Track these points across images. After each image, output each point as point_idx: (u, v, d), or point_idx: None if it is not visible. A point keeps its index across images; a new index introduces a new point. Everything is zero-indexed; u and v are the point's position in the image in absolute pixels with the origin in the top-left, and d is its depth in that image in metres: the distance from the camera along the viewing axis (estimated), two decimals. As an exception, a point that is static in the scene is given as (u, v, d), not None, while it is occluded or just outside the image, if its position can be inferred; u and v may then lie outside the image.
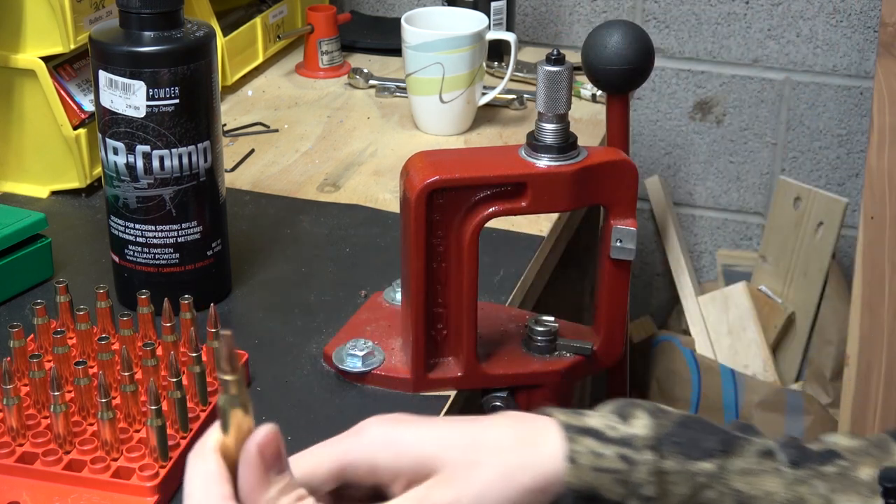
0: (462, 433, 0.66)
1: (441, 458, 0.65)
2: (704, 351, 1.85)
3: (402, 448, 0.65)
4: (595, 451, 0.65)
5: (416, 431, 0.66)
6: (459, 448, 0.65)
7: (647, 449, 0.65)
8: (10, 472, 0.83)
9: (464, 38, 1.38)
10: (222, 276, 1.07)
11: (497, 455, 0.65)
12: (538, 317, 0.96)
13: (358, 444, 0.66)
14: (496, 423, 0.67)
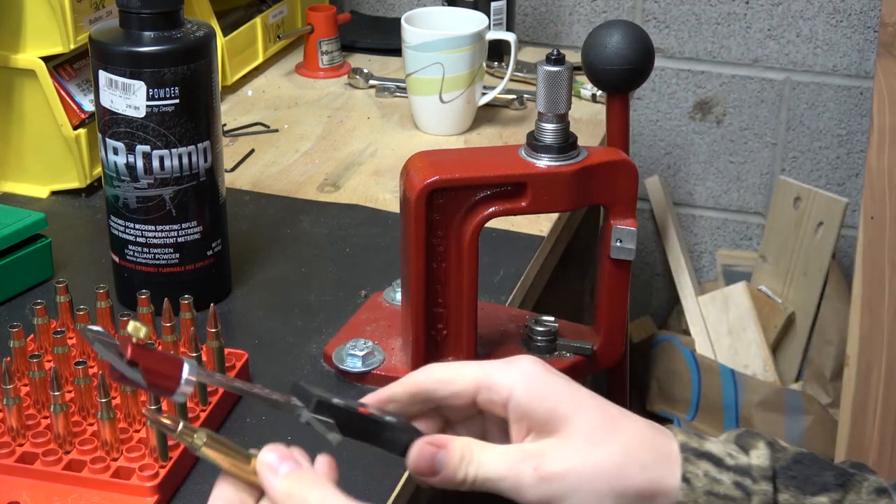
0: (601, 410, 0.66)
1: (573, 423, 0.65)
2: (704, 351, 1.85)
3: (542, 395, 0.65)
4: (711, 475, 0.65)
5: (562, 387, 0.66)
6: (593, 423, 0.65)
7: (764, 480, 0.66)
8: (10, 472, 0.83)
9: (464, 38, 1.38)
10: (222, 276, 1.07)
11: (623, 446, 0.65)
12: (538, 317, 0.96)
13: (506, 372, 0.66)
14: (631, 416, 0.67)
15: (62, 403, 0.83)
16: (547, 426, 0.65)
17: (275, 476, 0.61)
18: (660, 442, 0.66)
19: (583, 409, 0.65)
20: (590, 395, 0.66)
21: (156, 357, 0.62)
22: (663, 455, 0.66)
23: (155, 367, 0.62)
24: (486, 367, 0.67)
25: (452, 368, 0.68)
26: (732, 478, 0.65)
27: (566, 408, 0.65)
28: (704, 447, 0.66)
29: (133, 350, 0.61)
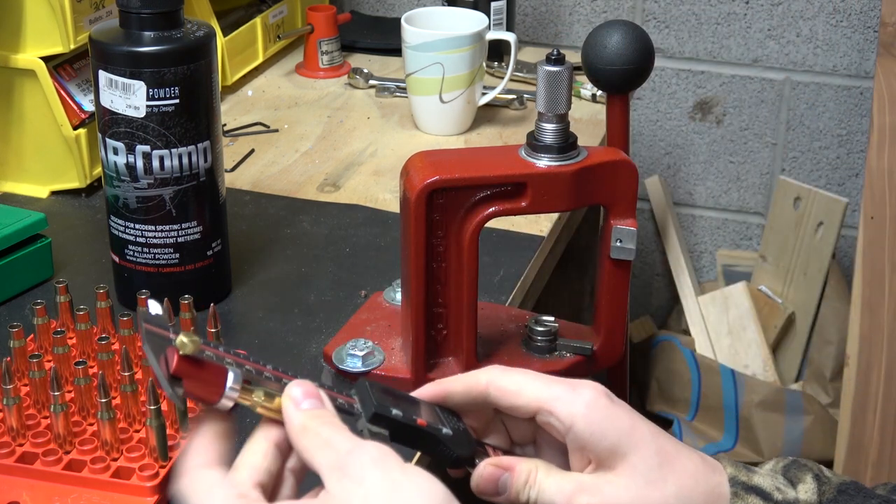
0: (659, 449, 0.66)
1: (631, 461, 0.66)
2: (704, 351, 1.85)
3: (603, 430, 0.66)
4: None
5: (623, 422, 0.66)
6: (650, 463, 0.66)
7: None
8: (10, 472, 0.83)
9: (464, 38, 1.38)
10: (222, 276, 1.07)
11: (677, 488, 0.66)
12: (538, 317, 0.96)
13: (569, 403, 0.66)
14: (687, 451, 0.68)
15: (62, 403, 0.83)
16: (606, 461, 0.66)
17: (295, 409, 0.61)
18: (712, 481, 0.67)
19: (642, 447, 0.66)
20: (649, 431, 0.67)
21: (201, 369, 0.61)
22: (714, 495, 0.67)
23: (198, 381, 0.61)
24: (551, 388, 0.67)
25: (517, 381, 0.68)
26: None
27: (625, 445, 0.66)
28: (753, 481, 0.67)
29: (178, 364, 0.60)
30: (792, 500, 0.67)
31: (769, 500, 0.67)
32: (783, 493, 0.67)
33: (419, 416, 0.66)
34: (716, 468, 0.68)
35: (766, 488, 0.67)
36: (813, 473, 0.68)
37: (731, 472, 0.68)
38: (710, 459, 0.69)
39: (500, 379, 0.68)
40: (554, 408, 0.66)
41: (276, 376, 0.64)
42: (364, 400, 0.66)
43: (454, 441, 0.67)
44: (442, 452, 0.67)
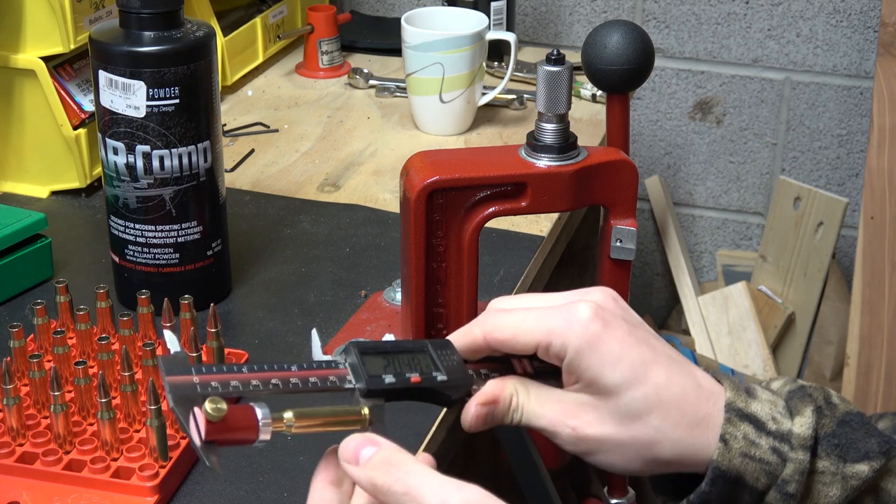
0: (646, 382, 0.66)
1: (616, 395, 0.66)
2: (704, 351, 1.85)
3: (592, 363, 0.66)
4: (750, 438, 0.66)
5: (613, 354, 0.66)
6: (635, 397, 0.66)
7: (801, 449, 0.66)
8: (10, 472, 0.83)
9: (464, 38, 1.38)
10: (222, 276, 1.07)
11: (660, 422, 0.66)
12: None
13: (564, 335, 0.66)
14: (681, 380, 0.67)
15: (62, 403, 0.83)
16: (592, 388, 0.67)
17: (356, 469, 0.63)
18: (701, 411, 0.67)
19: (629, 379, 0.66)
20: (640, 362, 0.66)
21: (230, 423, 0.62)
22: (702, 425, 0.67)
23: (231, 433, 0.62)
24: (546, 322, 0.67)
25: (511, 326, 0.68)
26: (771, 443, 0.66)
27: (611, 379, 0.66)
28: (750, 409, 0.67)
29: (208, 430, 0.61)
30: (785, 432, 0.66)
31: (761, 430, 0.66)
32: (778, 423, 0.67)
33: (412, 373, 0.67)
34: (711, 396, 0.67)
35: (761, 417, 0.67)
36: (815, 406, 0.67)
37: (729, 396, 0.67)
38: (707, 385, 0.68)
39: (494, 330, 0.68)
40: (548, 346, 0.67)
41: (301, 378, 0.66)
42: (356, 371, 0.67)
43: (449, 386, 0.68)
44: (439, 399, 0.68)
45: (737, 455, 0.66)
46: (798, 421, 0.67)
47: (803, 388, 0.69)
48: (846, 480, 0.66)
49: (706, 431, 0.67)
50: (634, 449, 0.67)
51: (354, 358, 0.67)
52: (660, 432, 0.66)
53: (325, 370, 0.67)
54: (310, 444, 0.89)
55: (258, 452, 0.88)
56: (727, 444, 0.66)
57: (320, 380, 0.66)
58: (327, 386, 0.66)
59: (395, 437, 0.64)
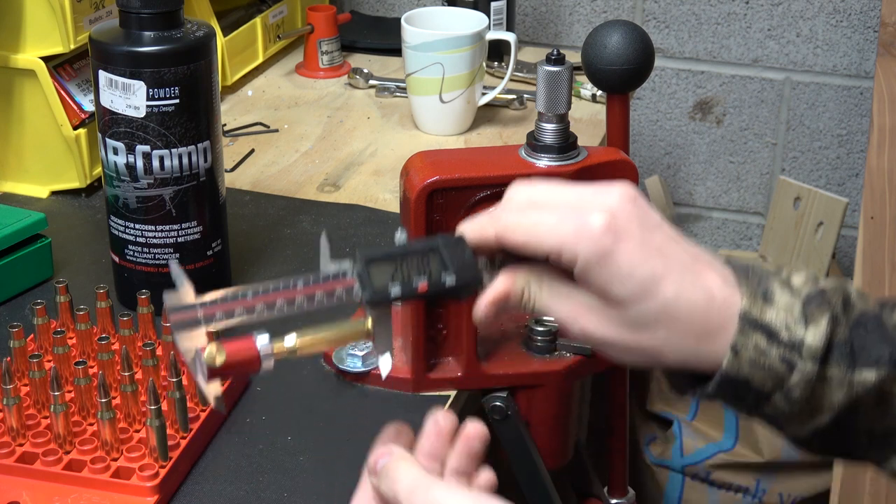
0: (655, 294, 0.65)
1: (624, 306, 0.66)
2: (704, 351, 1.84)
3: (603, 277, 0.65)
4: (761, 348, 0.66)
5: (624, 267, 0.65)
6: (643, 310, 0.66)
7: (811, 360, 0.66)
8: (10, 472, 0.83)
9: (464, 38, 1.38)
10: (222, 276, 1.07)
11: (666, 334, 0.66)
12: (538, 317, 0.96)
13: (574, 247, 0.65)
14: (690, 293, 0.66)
15: (62, 403, 0.83)
16: (601, 296, 0.67)
17: (374, 477, 0.66)
18: (711, 324, 0.66)
19: (638, 292, 0.65)
20: (650, 277, 0.65)
21: (232, 361, 0.64)
22: (710, 336, 0.66)
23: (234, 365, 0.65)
24: (558, 233, 0.66)
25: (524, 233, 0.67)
26: (781, 353, 0.66)
27: (619, 293, 0.66)
28: (765, 318, 0.66)
29: (210, 373, 0.63)
30: (797, 342, 0.66)
31: (773, 340, 0.66)
32: (791, 332, 0.66)
33: (420, 280, 0.67)
34: (722, 306, 0.66)
35: (774, 327, 0.66)
36: (831, 314, 0.66)
37: (745, 305, 0.66)
38: (720, 295, 0.66)
39: (507, 232, 0.67)
40: (558, 257, 0.66)
41: (307, 295, 0.66)
42: (363, 281, 0.67)
43: (458, 288, 0.68)
44: (449, 299, 0.70)
45: (746, 364, 0.66)
46: (811, 331, 0.66)
47: (823, 294, 0.67)
48: (851, 387, 0.66)
49: (714, 342, 0.66)
50: (640, 353, 0.67)
51: (363, 268, 0.67)
52: (666, 343, 0.66)
53: (332, 283, 0.67)
54: (309, 445, 0.89)
55: (258, 452, 0.88)
56: (737, 354, 0.66)
57: (326, 295, 0.66)
58: (333, 302, 0.66)
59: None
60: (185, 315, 0.64)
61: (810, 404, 0.67)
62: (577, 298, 0.68)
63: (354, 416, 0.92)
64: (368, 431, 0.89)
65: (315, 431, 0.91)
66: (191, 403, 0.89)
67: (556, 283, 0.68)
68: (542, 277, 0.68)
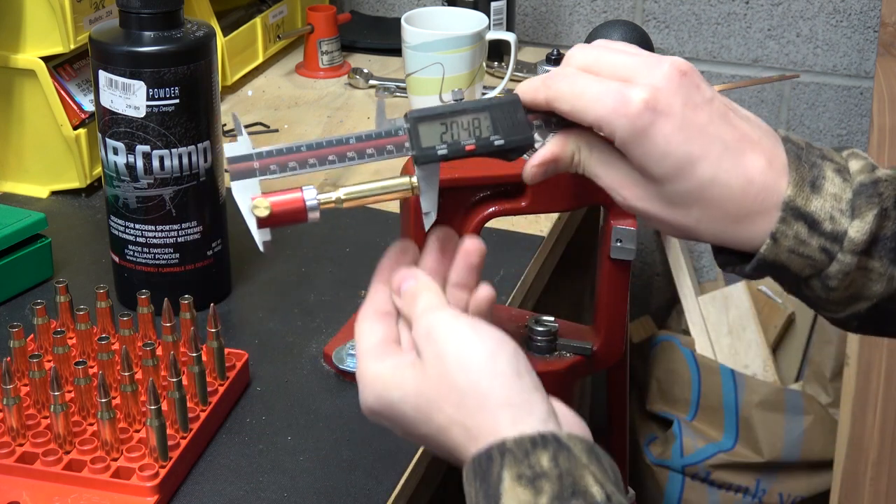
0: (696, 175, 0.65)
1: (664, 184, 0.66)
2: (704, 351, 1.85)
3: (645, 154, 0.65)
4: (801, 238, 0.66)
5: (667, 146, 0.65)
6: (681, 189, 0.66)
7: (851, 253, 0.65)
8: (10, 472, 0.83)
9: (464, 38, 1.38)
10: (222, 276, 1.07)
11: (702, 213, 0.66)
12: (538, 317, 0.96)
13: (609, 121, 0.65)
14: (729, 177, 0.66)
15: (62, 403, 0.83)
16: (641, 171, 0.67)
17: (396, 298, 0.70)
18: (747, 209, 0.66)
19: (672, 173, 0.65)
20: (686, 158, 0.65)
21: (280, 212, 0.70)
22: (746, 220, 0.66)
23: (283, 215, 0.70)
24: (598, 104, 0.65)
25: (572, 97, 0.67)
26: (821, 243, 0.65)
27: (655, 171, 0.65)
28: (809, 207, 0.65)
29: (259, 222, 0.69)
30: (839, 234, 0.65)
31: (815, 230, 0.65)
32: (835, 223, 0.65)
33: (468, 140, 0.68)
34: (761, 192, 0.66)
35: (818, 217, 0.65)
36: (880, 208, 0.65)
37: (790, 194, 0.65)
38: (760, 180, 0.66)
39: (556, 99, 0.67)
40: (600, 128, 0.66)
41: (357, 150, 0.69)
42: (412, 139, 0.68)
43: (507, 148, 0.68)
44: (498, 156, 0.69)
45: (784, 251, 0.66)
46: (856, 224, 0.65)
47: (876, 184, 0.66)
48: (892, 281, 0.66)
49: (751, 226, 0.66)
50: (676, 228, 0.68)
51: (413, 124, 0.68)
52: (700, 223, 0.66)
53: (382, 139, 0.68)
54: (309, 445, 0.89)
55: (258, 452, 0.88)
56: (776, 242, 0.65)
57: (377, 150, 0.68)
58: (384, 156, 0.68)
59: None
60: (241, 166, 0.67)
61: (849, 292, 0.67)
62: (623, 169, 0.68)
63: (354, 416, 0.92)
64: (368, 431, 0.89)
65: (315, 431, 0.91)
66: (191, 403, 0.89)
67: (605, 151, 0.68)
68: (593, 144, 0.68)
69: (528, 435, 0.60)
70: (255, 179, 0.67)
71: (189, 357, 0.89)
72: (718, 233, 0.67)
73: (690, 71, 0.66)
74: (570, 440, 0.60)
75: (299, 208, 0.69)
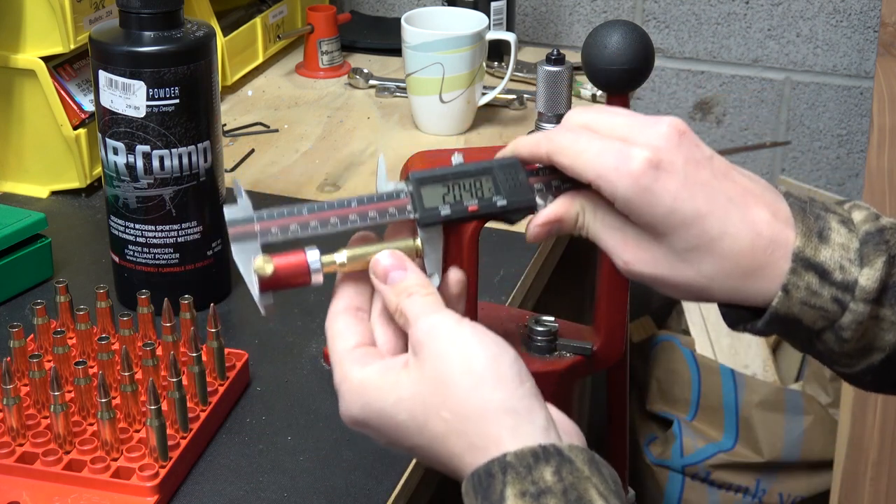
0: (701, 229, 0.65)
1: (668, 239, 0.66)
2: (704, 351, 1.85)
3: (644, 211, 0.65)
4: (813, 289, 0.65)
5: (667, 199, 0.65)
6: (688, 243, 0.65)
7: (863, 301, 0.65)
8: (10, 472, 0.83)
9: (464, 38, 1.38)
10: (222, 276, 1.07)
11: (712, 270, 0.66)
12: (538, 317, 0.96)
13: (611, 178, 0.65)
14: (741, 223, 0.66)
15: (62, 403, 0.83)
16: (646, 229, 0.67)
17: (384, 286, 0.66)
18: (758, 262, 0.65)
19: (680, 230, 0.65)
20: (693, 215, 0.65)
21: (282, 274, 0.66)
22: (757, 274, 0.66)
23: (286, 278, 0.66)
24: (600, 161, 0.66)
25: (572, 152, 0.67)
26: (833, 293, 0.65)
27: (663, 227, 0.65)
28: (819, 257, 0.65)
29: (262, 284, 0.65)
30: (850, 283, 0.65)
31: (826, 280, 0.65)
32: (845, 272, 0.65)
33: (471, 201, 0.69)
34: (770, 244, 0.65)
35: (828, 266, 0.65)
36: (888, 255, 0.65)
37: (799, 245, 0.65)
38: (768, 233, 0.66)
39: (557, 153, 0.68)
40: (599, 186, 0.66)
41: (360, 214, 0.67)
42: (414, 201, 0.68)
43: (510, 210, 0.69)
44: (501, 219, 0.70)
45: (797, 303, 0.65)
46: (866, 272, 0.65)
47: (882, 232, 0.67)
48: None
49: (761, 279, 0.66)
50: (688, 288, 0.67)
51: (416, 187, 0.68)
52: (713, 280, 0.66)
53: (385, 202, 0.68)
54: (309, 445, 0.89)
55: (258, 452, 0.88)
56: (788, 294, 0.65)
57: (379, 213, 0.68)
58: (386, 219, 0.68)
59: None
60: (242, 228, 0.66)
61: (862, 343, 0.66)
62: (628, 232, 0.68)
63: (354, 416, 0.92)
64: (368, 431, 0.89)
65: (315, 431, 0.91)
66: (191, 403, 0.89)
67: (609, 214, 0.68)
68: (598, 206, 0.68)
69: (529, 448, 0.59)
70: (256, 243, 0.65)
71: (189, 357, 0.89)
72: (730, 289, 0.66)
73: (688, 131, 0.67)
74: (572, 451, 0.60)
75: (302, 269, 0.66)
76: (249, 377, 0.96)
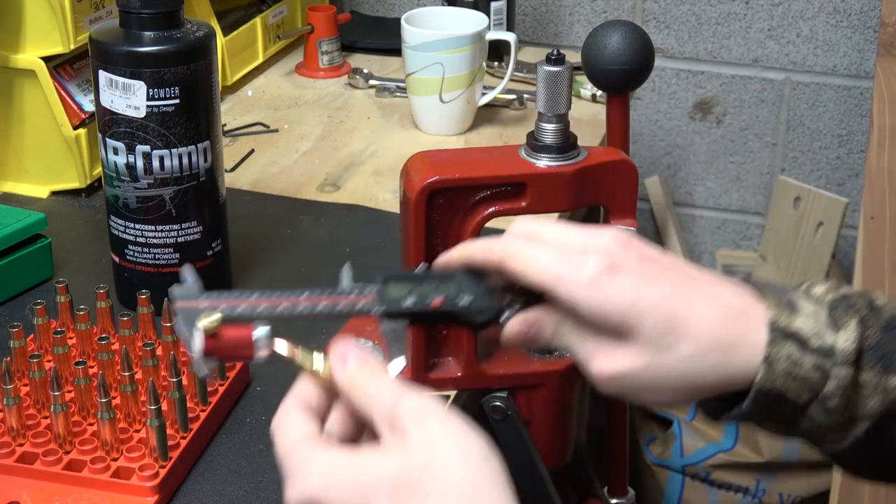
0: (668, 313, 0.65)
1: (637, 331, 0.66)
2: (704, 351, 1.84)
3: (605, 311, 0.66)
4: (793, 359, 0.65)
5: (626, 293, 0.65)
6: (659, 330, 0.65)
7: (845, 365, 0.65)
8: (10, 472, 0.83)
9: (464, 38, 1.38)
10: (222, 276, 1.07)
11: (690, 350, 0.65)
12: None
13: (569, 285, 0.66)
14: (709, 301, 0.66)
15: (62, 403, 0.83)
16: (615, 333, 0.67)
17: (342, 369, 0.65)
18: (735, 331, 0.66)
19: (647, 318, 0.65)
20: (657, 297, 0.65)
21: (227, 339, 0.65)
22: (739, 345, 0.66)
23: (228, 349, 0.66)
24: (555, 267, 0.66)
25: (525, 259, 0.67)
26: (814, 360, 0.65)
27: (631, 319, 0.65)
28: (794, 326, 0.66)
29: (206, 344, 0.64)
30: (828, 349, 0.65)
31: (805, 348, 0.65)
32: (822, 338, 0.65)
33: (435, 297, 0.69)
34: (740, 316, 0.66)
35: (805, 334, 0.65)
36: (859, 317, 0.66)
37: (773, 315, 0.66)
38: (734, 305, 0.66)
39: (510, 258, 0.68)
40: (555, 292, 0.66)
41: (310, 304, 0.68)
42: (381, 296, 0.69)
43: (473, 311, 0.69)
44: (464, 322, 0.70)
45: (780, 376, 0.65)
46: (842, 335, 0.65)
47: (846, 298, 0.67)
48: (886, 392, 0.66)
49: (741, 353, 0.66)
50: (671, 382, 0.67)
51: (382, 285, 0.69)
52: (693, 361, 0.66)
53: (340, 296, 0.69)
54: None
55: (258, 452, 0.88)
56: (771, 366, 0.65)
57: (331, 305, 0.68)
58: (339, 310, 0.69)
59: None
60: (190, 304, 0.65)
61: (846, 414, 0.66)
62: (601, 338, 0.68)
63: (354, 416, 0.92)
64: (368, 431, 0.89)
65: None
66: (191, 403, 0.89)
67: (575, 322, 0.69)
68: (567, 316, 0.69)
69: None
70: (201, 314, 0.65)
71: (189, 357, 0.89)
72: (711, 368, 0.66)
73: (632, 238, 0.68)
74: None
75: (246, 341, 0.66)
76: (249, 377, 0.96)
